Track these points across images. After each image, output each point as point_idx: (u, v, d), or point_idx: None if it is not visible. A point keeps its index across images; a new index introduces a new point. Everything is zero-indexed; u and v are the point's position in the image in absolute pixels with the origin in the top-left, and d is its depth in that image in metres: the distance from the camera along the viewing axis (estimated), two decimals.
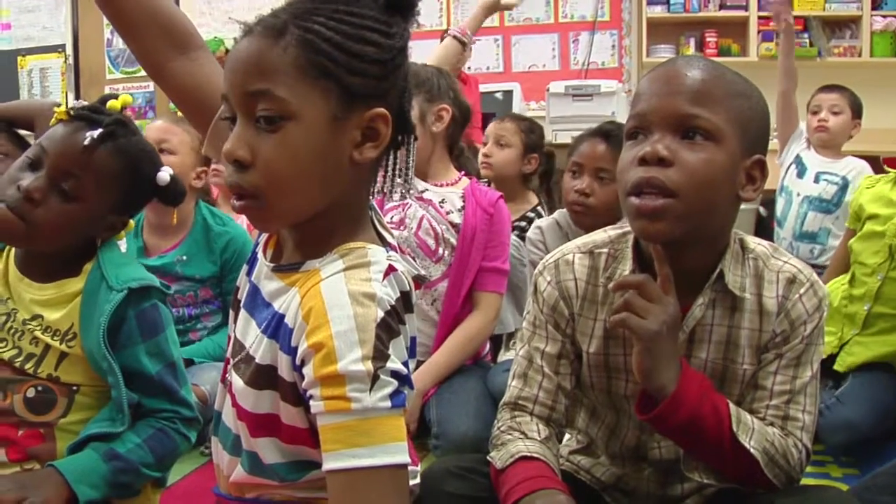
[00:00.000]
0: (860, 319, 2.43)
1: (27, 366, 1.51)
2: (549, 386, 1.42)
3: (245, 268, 1.24)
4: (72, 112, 1.50)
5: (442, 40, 3.29)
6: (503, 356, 3.02)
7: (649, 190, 1.24)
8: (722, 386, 1.37)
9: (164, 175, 1.57)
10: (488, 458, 1.38)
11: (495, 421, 1.45)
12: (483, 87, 5.01)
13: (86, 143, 1.45)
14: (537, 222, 2.81)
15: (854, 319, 2.46)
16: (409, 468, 1.04)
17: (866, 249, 2.46)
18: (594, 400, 1.48)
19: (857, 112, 3.78)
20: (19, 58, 6.93)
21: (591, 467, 1.53)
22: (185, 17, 1.31)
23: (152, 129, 2.70)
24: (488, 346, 2.73)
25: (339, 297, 1.01)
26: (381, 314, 1.01)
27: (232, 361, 1.18)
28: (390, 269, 1.06)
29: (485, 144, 3.52)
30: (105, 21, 6.70)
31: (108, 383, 1.50)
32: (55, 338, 1.50)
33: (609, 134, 2.44)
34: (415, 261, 2.45)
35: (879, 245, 2.40)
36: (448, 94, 2.50)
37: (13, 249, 1.56)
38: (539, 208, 3.53)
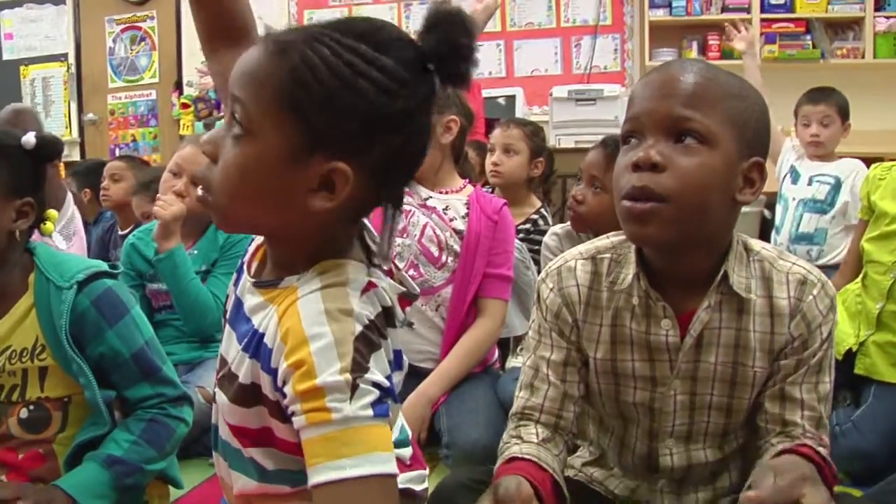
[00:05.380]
0: (873, 318, 2.41)
1: (13, 396, 1.51)
2: (555, 394, 1.42)
3: (234, 276, 1.23)
4: None
5: None
6: (511, 362, 3.03)
7: (641, 197, 1.24)
8: (732, 390, 1.36)
9: (29, 139, 1.54)
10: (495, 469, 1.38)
11: (504, 432, 1.45)
12: (486, 93, 5.01)
13: None
14: (554, 228, 2.79)
15: (868, 319, 2.43)
16: (418, 472, 1.02)
17: (881, 248, 2.44)
18: (601, 410, 1.47)
19: (845, 115, 3.74)
20: (21, 67, 6.95)
21: (605, 479, 1.53)
22: (249, 14, 1.28)
23: (187, 161, 2.72)
24: (496, 353, 2.73)
25: (315, 316, 1.00)
26: (359, 328, 1.00)
27: (217, 377, 1.17)
28: (370, 286, 1.05)
29: (491, 152, 3.49)
30: (107, 30, 6.72)
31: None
32: (26, 359, 1.50)
33: (610, 144, 2.44)
34: (418, 268, 2.46)
35: (895, 243, 2.39)
36: (455, 102, 2.51)
37: None
38: (542, 210, 3.54)
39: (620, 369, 1.41)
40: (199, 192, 1.06)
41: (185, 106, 6.17)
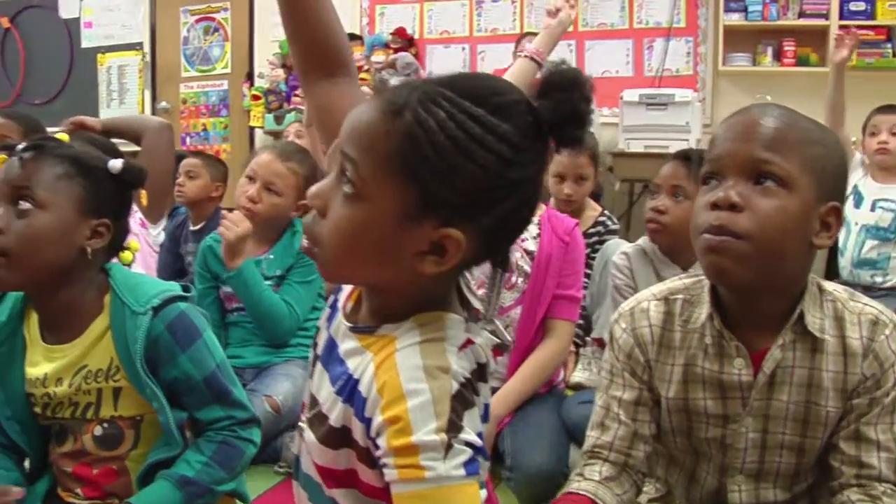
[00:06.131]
0: None
1: (88, 414, 1.55)
2: (625, 433, 1.43)
3: (326, 311, 1.23)
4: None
5: (515, 57, 3.28)
6: (574, 377, 3.04)
7: (719, 234, 1.25)
8: (805, 429, 1.37)
9: (116, 164, 1.54)
10: None
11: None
12: None
13: (16, 158, 1.48)
14: (623, 248, 2.79)
15: None
16: None
17: None
18: (672, 446, 1.48)
19: None
20: (99, 55, 7.11)
21: None
22: (345, 44, 1.27)
23: (262, 166, 2.76)
24: (562, 373, 2.74)
25: (413, 371, 0.99)
26: (455, 387, 0.99)
27: (306, 415, 1.18)
28: (468, 343, 1.04)
29: (560, 179, 3.52)
30: (182, 20, 6.83)
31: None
32: (101, 379, 1.53)
33: (688, 156, 2.44)
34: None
35: None
36: None
37: (34, 330, 1.58)
38: (605, 211, 3.68)
39: (692, 407, 1.41)
40: (305, 242, 1.06)
41: (255, 98, 6.22)
